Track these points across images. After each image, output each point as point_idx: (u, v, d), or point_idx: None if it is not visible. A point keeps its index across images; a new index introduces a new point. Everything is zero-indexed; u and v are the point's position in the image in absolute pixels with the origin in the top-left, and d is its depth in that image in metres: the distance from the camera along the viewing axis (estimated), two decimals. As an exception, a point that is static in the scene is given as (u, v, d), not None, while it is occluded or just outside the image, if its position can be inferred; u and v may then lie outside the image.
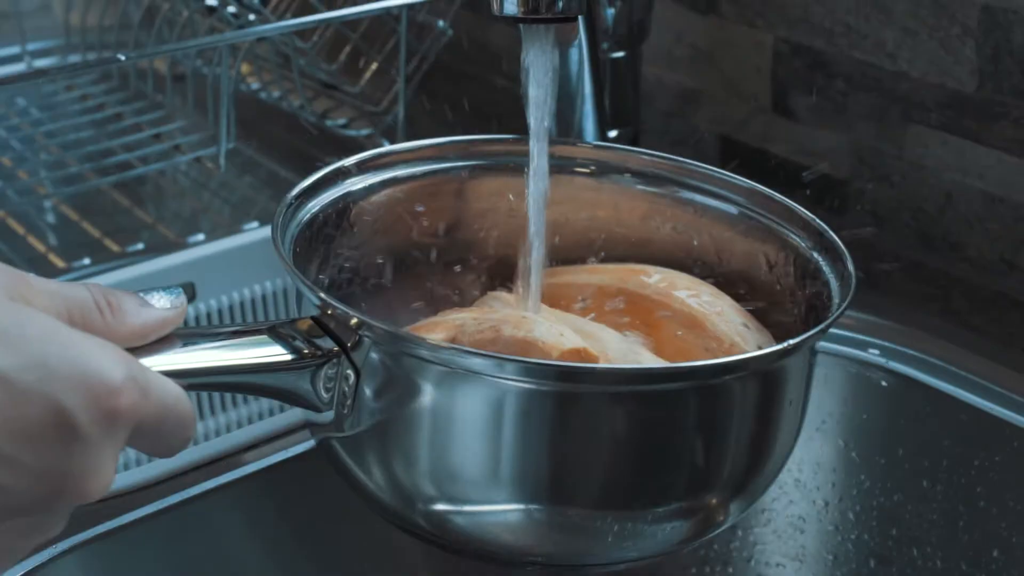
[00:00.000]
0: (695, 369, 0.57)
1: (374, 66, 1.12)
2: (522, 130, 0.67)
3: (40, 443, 0.43)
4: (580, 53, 0.86)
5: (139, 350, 0.50)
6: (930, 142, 0.87)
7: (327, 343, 0.56)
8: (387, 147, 0.71)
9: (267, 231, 0.99)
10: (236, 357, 0.54)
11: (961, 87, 0.84)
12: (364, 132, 1.13)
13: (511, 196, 0.72)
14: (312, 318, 0.57)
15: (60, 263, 1.00)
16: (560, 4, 0.63)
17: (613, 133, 0.95)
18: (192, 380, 0.51)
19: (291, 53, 1.06)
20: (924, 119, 0.87)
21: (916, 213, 0.88)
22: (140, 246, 1.02)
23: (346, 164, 0.68)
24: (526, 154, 0.67)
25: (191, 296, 0.94)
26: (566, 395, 0.54)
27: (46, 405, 0.43)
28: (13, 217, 1.07)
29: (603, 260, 0.73)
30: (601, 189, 0.72)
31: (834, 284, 0.62)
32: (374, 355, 0.55)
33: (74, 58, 1.27)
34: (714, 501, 0.58)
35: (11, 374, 0.43)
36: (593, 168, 0.73)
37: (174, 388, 0.48)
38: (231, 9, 1.06)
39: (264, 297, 0.98)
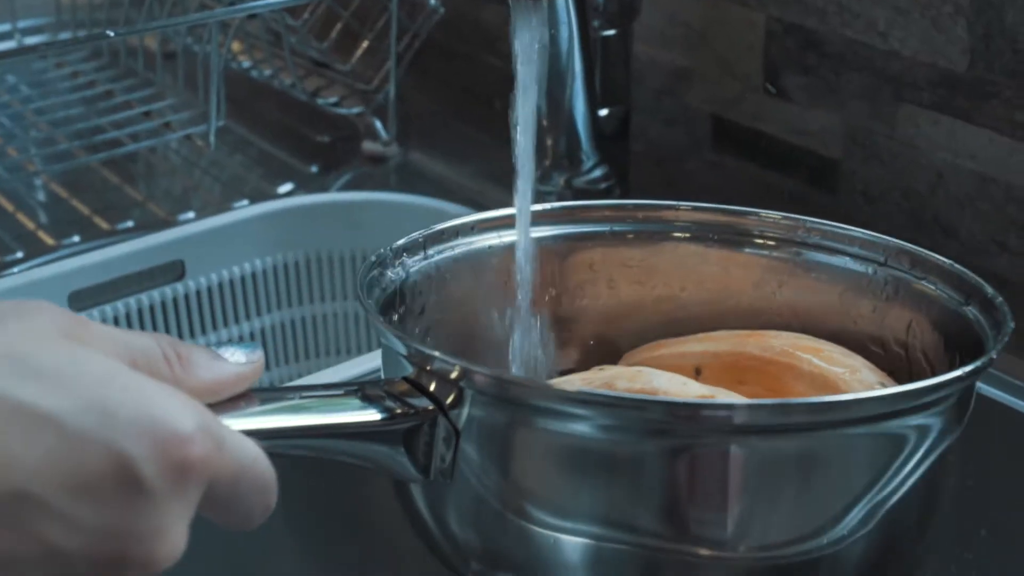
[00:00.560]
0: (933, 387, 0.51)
1: (365, 44, 1.11)
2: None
3: (100, 497, 0.38)
4: (570, 31, 0.85)
5: (211, 408, 0.43)
6: (921, 121, 0.86)
7: (421, 403, 0.51)
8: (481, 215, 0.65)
9: (257, 208, 0.99)
10: (321, 419, 0.49)
11: (952, 66, 0.84)
12: (355, 110, 1.12)
13: (608, 267, 0.67)
14: (405, 378, 0.52)
15: (50, 240, 1.00)
16: (548, -22, 0.62)
17: (604, 112, 0.95)
18: (270, 443, 0.45)
19: (282, 31, 1.05)
20: (915, 98, 0.86)
21: (907, 193, 0.88)
22: (130, 223, 1.01)
23: (437, 229, 0.63)
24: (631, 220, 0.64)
25: (180, 274, 0.94)
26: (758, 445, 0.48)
27: (106, 454, 0.38)
28: (3, 194, 1.07)
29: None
30: (707, 255, 0.67)
31: (981, 323, 0.58)
32: (477, 411, 0.50)
33: (64, 36, 1.27)
34: None
35: (66, 418, 0.38)
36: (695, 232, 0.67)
37: (252, 446, 0.43)
38: (222, -14, 1.06)
39: (254, 275, 0.98)
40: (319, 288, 1.01)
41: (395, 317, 0.60)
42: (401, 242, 0.62)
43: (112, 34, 0.89)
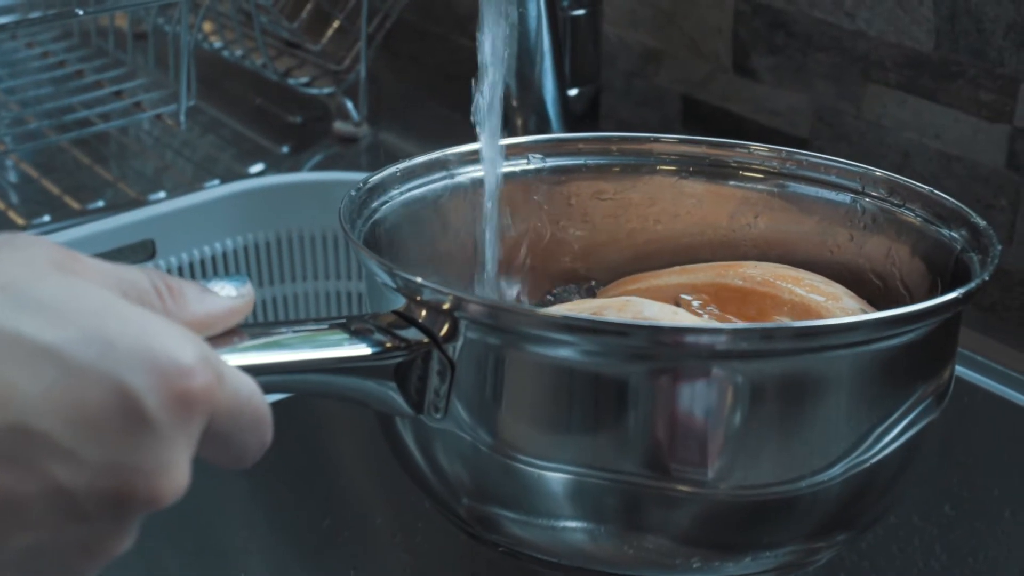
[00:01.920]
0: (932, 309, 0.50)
1: (336, 24, 1.11)
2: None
3: (103, 431, 0.37)
4: (538, 9, 0.86)
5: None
6: (888, 101, 0.87)
7: (413, 335, 0.50)
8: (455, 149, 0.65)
9: (228, 188, 0.99)
10: (311, 354, 0.48)
11: (918, 47, 0.84)
12: (326, 90, 1.12)
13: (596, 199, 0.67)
14: (395, 312, 0.51)
15: (20, 220, 0.99)
16: (516, -41, 0.62)
17: (573, 92, 0.95)
18: (263, 379, 0.44)
19: (252, 11, 1.05)
20: (882, 78, 0.87)
21: (874, 172, 0.89)
22: (100, 204, 1.01)
23: (415, 162, 0.63)
24: (608, 153, 0.64)
25: (151, 253, 0.94)
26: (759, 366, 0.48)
27: (108, 385, 0.37)
28: (-28, 174, 1.07)
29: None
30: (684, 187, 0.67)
31: (965, 248, 0.58)
32: (473, 341, 0.50)
33: (36, 15, 1.26)
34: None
35: (65, 349, 0.36)
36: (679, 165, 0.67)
37: (249, 380, 0.42)
38: (192, -34, 1.06)
39: (224, 255, 0.98)
40: (290, 268, 1.01)
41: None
42: (377, 176, 0.61)
43: (81, 13, 0.88)
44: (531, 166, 0.66)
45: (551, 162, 0.66)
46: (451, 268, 0.64)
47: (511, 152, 0.65)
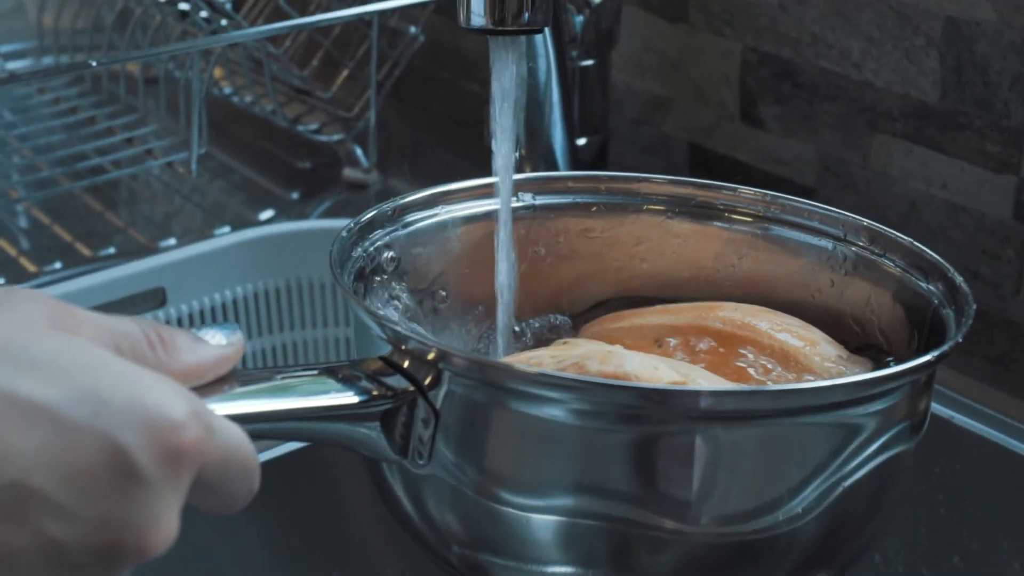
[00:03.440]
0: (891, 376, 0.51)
1: (346, 72, 1.12)
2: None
3: (95, 487, 0.38)
4: (548, 62, 0.86)
5: (194, 392, 0.43)
6: (895, 151, 0.88)
7: (399, 383, 0.51)
8: (441, 187, 0.67)
9: (238, 236, 1.00)
10: (299, 402, 0.49)
11: (925, 97, 0.85)
12: (336, 137, 1.13)
13: (566, 238, 0.69)
14: (381, 358, 0.52)
15: (31, 267, 1.00)
16: (526, 15, 0.62)
17: (582, 141, 0.96)
18: (252, 427, 0.45)
19: (263, 58, 1.06)
20: (889, 128, 0.88)
21: (880, 222, 0.89)
22: (111, 250, 1.02)
23: (400, 202, 0.65)
24: (592, 192, 0.65)
25: (161, 301, 0.95)
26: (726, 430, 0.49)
27: (101, 443, 0.38)
28: (-15, 220, 1.08)
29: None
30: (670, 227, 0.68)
31: (943, 303, 0.59)
32: (456, 392, 0.51)
33: (47, 60, 1.27)
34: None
35: (60, 408, 0.38)
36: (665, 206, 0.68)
37: (237, 431, 0.43)
38: (203, 14, 1.07)
39: (235, 302, 0.99)
40: (300, 315, 1.01)
41: (364, 292, 0.61)
42: (368, 215, 0.63)
43: (95, 64, 0.89)
44: (520, 203, 0.67)
45: (541, 200, 0.68)
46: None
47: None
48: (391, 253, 0.64)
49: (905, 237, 0.62)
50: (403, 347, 0.52)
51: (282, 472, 0.75)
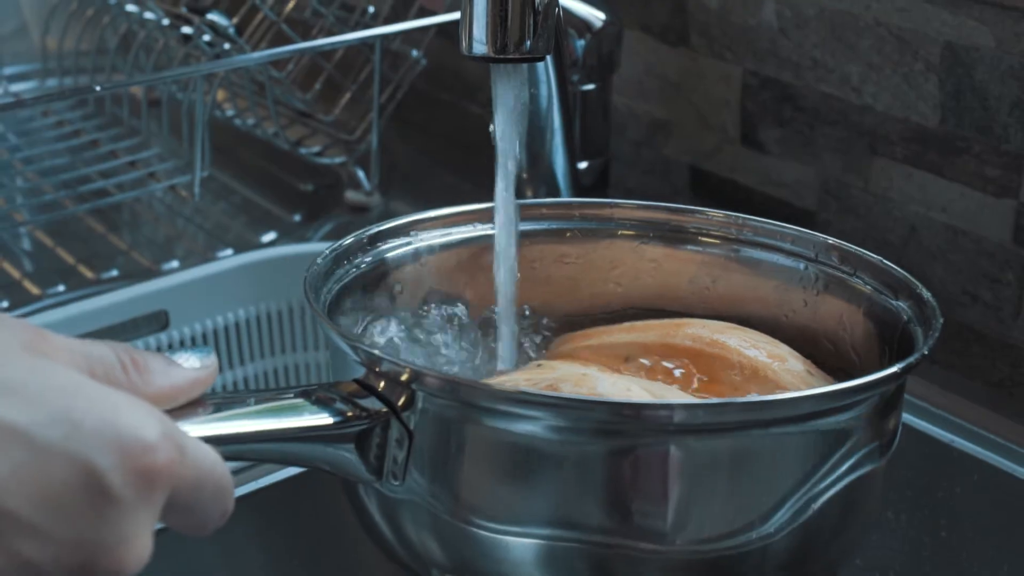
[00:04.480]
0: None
1: (348, 95, 1.13)
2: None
3: (69, 508, 0.38)
4: (549, 87, 0.87)
5: (168, 415, 0.44)
6: (894, 175, 0.88)
7: (374, 404, 0.52)
8: (417, 215, 0.68)
9: (241, 259, 1.00)
10: (273, 423, 0.50)
11: (924, 122, 0.85)
12: (338, 160, 1.14)
13: (543, 263, 0.70)
14: (356, 380, 0.53)
15: (35, 290, 1.00)
16: (528, 44, 0.63)
17: (583, 164, 0.96)
18: (226, 448, 0.46)
19: (266, 82, 1.07)
20: (889, 152, 0.88)
21: (881, 245, 0.90)
22: (114, 272, 1.02)
23: (380, 228, 0.66)
24: (566, 218, 0.66)
25: (164, 324, 0.95)
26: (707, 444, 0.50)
27: (74, 465, 0.38)
28: (-11, 243, 1.08)
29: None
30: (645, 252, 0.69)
31: (911, 318, 0.60)
32: (430, 412, 0.51)
33: (51, 82, 1.28)
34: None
35: (33, 430, 0.38)
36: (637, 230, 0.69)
37: (211, 452, 0.44)
38: (206, 38, 1.07)
39: (237, 325, 0.99)
40: (302, 338, 1.02)
41: (342, 316, 0.62)
42: (346, 242, 0.63)
43: (99, 88, 0.90)
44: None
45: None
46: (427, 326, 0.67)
47: (477, 218, 0.68)
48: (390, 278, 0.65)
49: (874, 255, 0.64)
50: (376, 368, 0.52)
51: (284, 496, 0.75)
